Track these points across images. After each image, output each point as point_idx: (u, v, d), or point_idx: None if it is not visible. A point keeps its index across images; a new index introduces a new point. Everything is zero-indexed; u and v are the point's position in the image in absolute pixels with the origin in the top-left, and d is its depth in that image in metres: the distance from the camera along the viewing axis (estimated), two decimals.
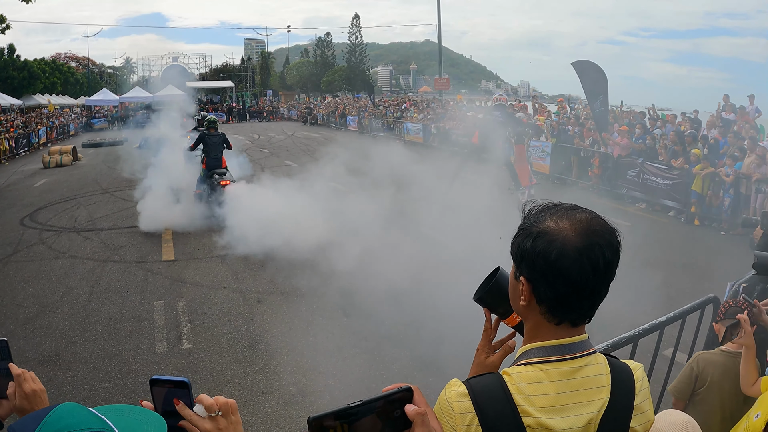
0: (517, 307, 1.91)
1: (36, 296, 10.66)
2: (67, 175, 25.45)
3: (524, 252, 1.78)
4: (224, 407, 1.66)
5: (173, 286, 10.82)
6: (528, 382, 1.76)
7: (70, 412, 1.41)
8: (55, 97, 66.41)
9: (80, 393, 7.07)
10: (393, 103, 48.36)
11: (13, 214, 17.81)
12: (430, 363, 7.49)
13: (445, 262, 10.18)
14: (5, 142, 35.06)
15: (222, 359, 7.92)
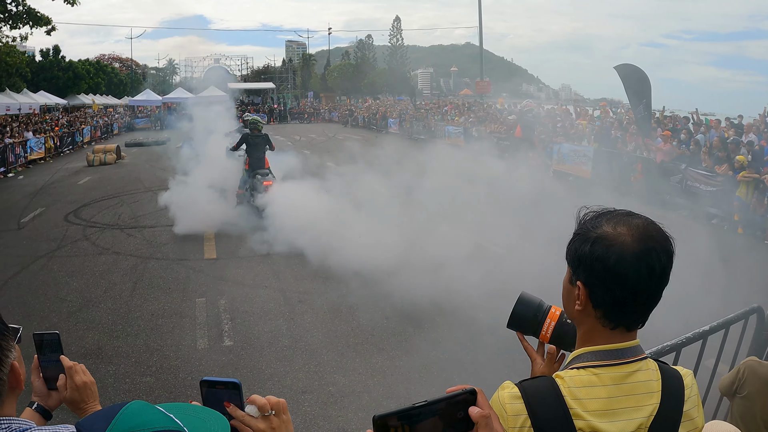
0: (570, 312, 1.92)
1: (79, 291, 10.81)
2: (110, 174, 25.80)
3: (582, 257, 1.80)
4: (276, 406, 1.66)
5: (215, 284, 10.89)
6: (580, 386, 1.77)
7: (140, 410, 1.41)
8: (99, 97, 67.41)
9: (121, 386, 7.14)
10: (434, 106, 48.29)
11: (58, 210, 18.10)
12: (468, 366, 7.45)
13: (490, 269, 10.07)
14: (50, 141, 35.62)
15: (262, 357, 7.95)
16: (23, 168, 30.26)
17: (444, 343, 8.07)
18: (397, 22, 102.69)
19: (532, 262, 9.76)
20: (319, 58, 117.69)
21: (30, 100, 47.96)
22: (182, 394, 7.07)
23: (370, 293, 9.71)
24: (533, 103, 32.73)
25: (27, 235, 15.19)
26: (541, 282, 9.06)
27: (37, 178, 25.99)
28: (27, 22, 38.92)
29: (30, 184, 24.46)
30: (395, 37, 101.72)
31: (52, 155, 35.16)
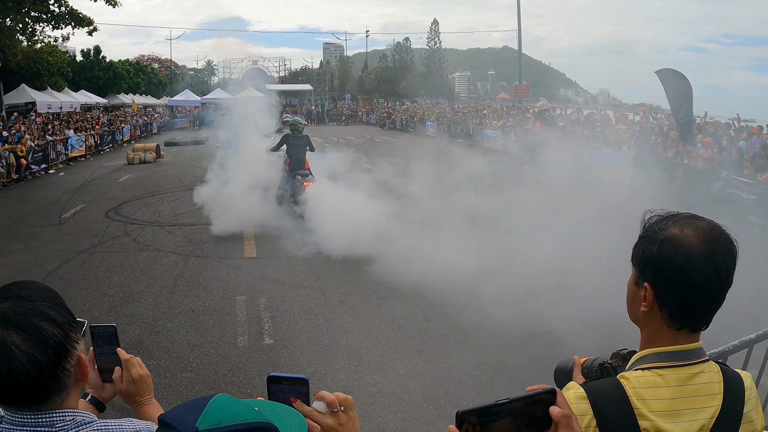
0: (635, 314, 1.95)
1: (120, 286, 10.93)
2: (150, 172, 26.05)
3: (649, 258, 1.84)
4: (345, 403, 1.66)
5: (255, 282, 10.91)
6: (645, 386, 1.80)
7: (227, 403, 1.40)
8: (139, 96, 68.11)
9: (162, 381, 7.17)
10: (472, 110, 48.15)
11: (99, 206, 18.33)
12: (509, 370, 7.39)
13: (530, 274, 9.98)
14: (91, 139, 36.08)
15: (302, 356, 7.95)
16: (64, 165, 30.72)
17: (484, 346, 8.01)
18: (435, 25, 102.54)
19: (572, 267, 9.67)
20: (356, 61, 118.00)
21: (71, 99, 48.59)
22: (222, 391, 6.95)
23: (410, 295, 9.68)
24: (548, 103, 32.71)
25: (68, 231, 15.39)
26: (581, 286, 8.98)
27: (78, 175, 26.34)
28: (69, 22, 39.51)
29: (71, 181, 24.80)
30: (433, 40, 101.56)
31: (93, 153, 35.68)
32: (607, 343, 7.34)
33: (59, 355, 1.66)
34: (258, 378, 7.34)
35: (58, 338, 1.67)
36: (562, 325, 8.01)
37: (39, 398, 1.67)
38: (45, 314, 1.67)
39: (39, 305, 1.69)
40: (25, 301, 1.68)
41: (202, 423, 1.33)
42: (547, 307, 8.51)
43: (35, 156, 27.43)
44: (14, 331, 1.61)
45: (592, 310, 8.32)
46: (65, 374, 1.70)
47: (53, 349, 1.65)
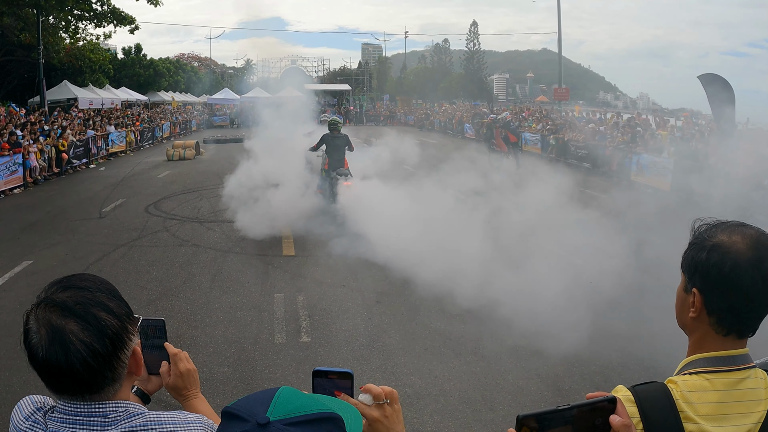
0: (684, 320, 1.98)
1: (159, 280, 11.05)
2: (189, 168, 26.30)
3: (698, 264, 1.88)
4: (390, 396, 1.68)
5: (293, 280, 10.96)
6: (693, 390, 1.82)
7: (294, 394, 1.40)
8: (178, 94, 68.72)
9: (198, 375, 7.17)
10: (511, 112, 47.93)
11: (138, 201, 18.55)
12: (545, 376, 7.32)
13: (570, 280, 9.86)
14: (131, 135, 36.53)
15: (339, 355, 7.96)
16: (105, 160, 31.17)
17: (521, 351, 7.94)
18: (474, 27, 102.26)
19: (609, 272, 9.55)
20: (395, 62, 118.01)
21: (112, 96, 49.21)
22: (259, 387, 7.10)
23: (447, 298, 9.62)
24: (510, 114, 32.61)
25: (108, 224, 15.59)
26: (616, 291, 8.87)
27: (118, 170, 26.68)
28: (111, 20, 40.18)
29: (111, 176, 25.14)
30: (472, 42, 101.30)
31: (133, 149, 36.19)
32: (653, 352, 7.25)
33: (116, 346, 1.68)
34: (294, 376, 7.36)
35: (116, 329, 1.69)
36: (599, 332, 7.94)
37: (93, 388, 1.68)
38: (104, 305, 1.69)
39: (98, 296, 1.71)
40: (85, 292, 1.70)
41: (273, 414, 1.33)
42: (589, 315, 8.41)
43: (76, 151, 27.85)
44: (73, 319, 1.63)
45: (634, 321, 8.26)
46: (120, 365, 1.71)
47: (110, 339, 1.67)
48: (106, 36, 43.88)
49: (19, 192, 21.98)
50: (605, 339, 7.80)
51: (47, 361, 1.63)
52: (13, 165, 22.14)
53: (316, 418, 1.35)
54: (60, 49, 40.56)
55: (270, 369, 7.59)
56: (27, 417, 1.78)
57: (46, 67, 37.96)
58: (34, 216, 17.21)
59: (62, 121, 30.43)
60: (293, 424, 1.32)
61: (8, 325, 8.79)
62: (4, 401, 6.67)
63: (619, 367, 7.38)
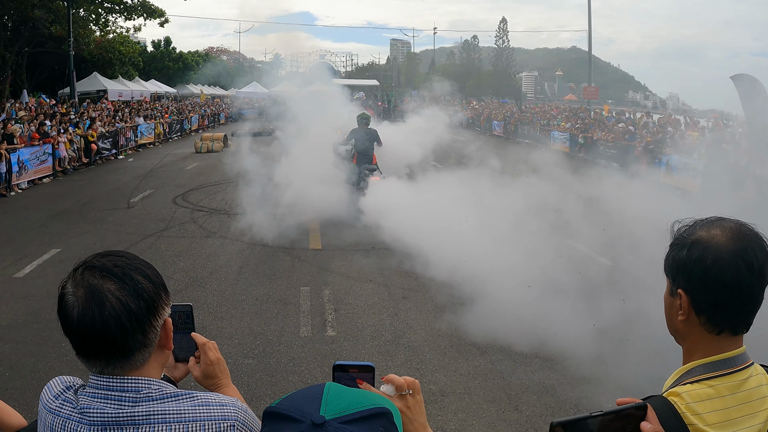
0: (674, 326, 1.93)
1: (186, 270, 11.15)
2: (217, 161, 26.38)
3: (680, 263, 1.85)
4: (412, 386, 1.67)
5: (320, 274, 10.97)
6: (698, 400, 1.75)
7: (342, 390, 1.39)
8: (207, 87, 69.13)
9: None
10: (540, 110, 47.70)
11: (166, 192, 18.69)
12: (572, 378, 7.22)
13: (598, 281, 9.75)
14: (160, 127, 36.79)
15: (364, 350, 7.95)
16: (133, 151, 31.44)
17: (549, 351, 7.83)
18: (503, 24, 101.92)
19: (637, 275, 9.43)
20: (423, 58, 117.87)
21: (141, 88, 49.66)
22: (283, 379, 7.14)
23: (474, 295, 9.52)
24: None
25: (136, 215, 15.73)
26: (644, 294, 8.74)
27: (147, 162, 26.88)
28: (141, 14, 40.49)
29: (140, 167, 25.34)
30: (501, 39, 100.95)
31: (161, 141, 36.48)
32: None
33: (149, 309, 1.72)
34: (319, 369, 7.35)
35: (151, 292, 1.74)
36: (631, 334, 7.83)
37: (123, 351, 1.70)
38: (142, 270, 1.75)
39: (136, 263, 1.76)
40: (123, 258, 1.76)
41: (327, 412, 1.31)
42: (618, 318, 8.30)
43: (105, 141, 28.03)
44: (111, 279, 1.69)
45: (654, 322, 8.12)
46: (152, 330, 1.74)
47: (145, 301, 1.71)
48: (135, 29, 44.33)
49: (48, 181, 22.25)
50: (636, 343, 7.69)
51: (82, 320, 1.65)
52: (43, 155, 22.41)
53: (369, 414, 1.33)
54: (90, 41, 40.89)
55: (295, 362, 7.59)
56: (56, 396, 1.79)
57: (76, 59, 38.33)
58: (62, 205, 17.39)
59: (92, 112, 30.70)
60: (349, 422, 1.30)
61: (35, 312, 8.91)
62: (29, 386, 6.75)
63: (648, 371, 7.27)
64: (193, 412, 1.72)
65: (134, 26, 43.63)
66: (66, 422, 1.73)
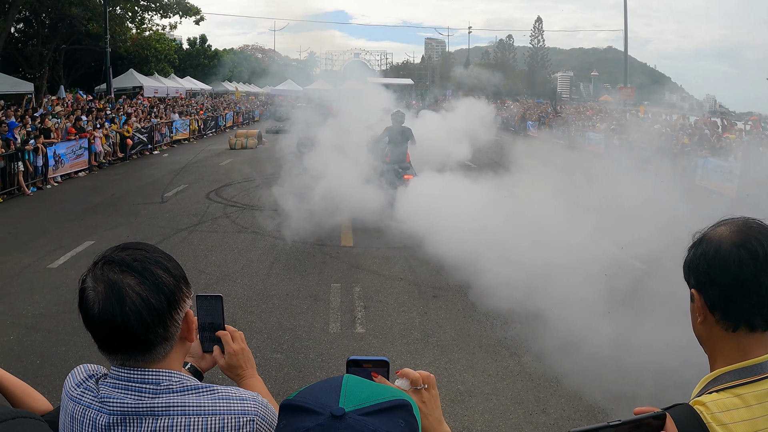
0: (697, 331, 1.90)
1: (217, 264, 11.25)
2: (251, 157, 26.60)
3: (690, 263, 1.86)
4: (427, 380, 1.65)
5: (350, 271, 10.98)
6: (724, 410, 1.69)
7: (361, 382, 1.38)
8: (242, 85, 69.54)
9: None
10: (575, 111, 47.34)
11: (200, 188, 18.85)
12: (606, 382, 7.12)
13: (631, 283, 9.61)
14: (195, 123, 37.09)
15: (393, 348, 7.93)
16: (168, 147, 31.76)
17: (579, 355, 7.73)
18: (539, 23, 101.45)
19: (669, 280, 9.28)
20: (458, 57, 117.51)
21: (177, 85, 50.05)
22: (311, 375, 7.17)
23: (505, 296, 9.42)
24: None
25: (170, 209, 15.88)
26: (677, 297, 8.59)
27: (181, 157, 27.13)
28: (177, 12, 40.90)
29: (174, 162, 25.58)
30: (536, 38, 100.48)
31: (196, 137, 36.77)
32: None
33: (170, 303, 1.72)
34: None
35: (171, 286, 1.73)
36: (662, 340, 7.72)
37: (145, 345, 1.70)
38: (161, 263, 1.75)
39: (155, 256, 1.76)
40: (143, 252, 1.76)
41: (346, 404, 1.29)
42: (650, 321, 8.20)
43: (141, 137, 28.32)
44: (131, 274, 1.68)
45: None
46: (173, 324, 1.74)
47: (166, 295, 1.70)
48: (171, 27, 44.73)
49: (84, 175, 22.57)
50: (668, 347, 7.57)
51: (102, 316, 1.66)
52: (79, 149, 22.74)
53: (390, 406, 1.31)
54: (126, 38, 41.36)
55: (323, 358, 7.60)
56: (79, 384, 1.81)
57: (112, 55, 38.74)
58: (97, 198, 17.63)
59: (127, 108, 31.06)
60: (369, 413, 1.28)
61: (68, 302, 9.06)
62: (58, 374, 6.92)
63: (676, 374, 7.14)
64: (213, 405, 1.72)
65: (170, 24, 44.11)
66: (86, 410, 1.74)
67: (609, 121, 36.09)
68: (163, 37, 50.23)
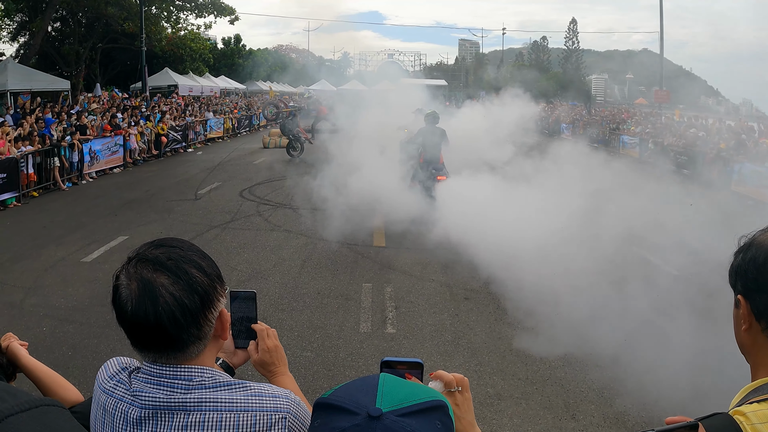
0: (740, 339, 1.80)
1: (249, 262, 11.32)
2: (284, 156, 26.67)
3: (737, 268, 1.76)
4: (461, 383, 1.64)
5: (382, 271, 10.98)
6: (765, 421, 1.59)
7: (398, 382, 1.36)
8: (276, 84, 69.84)
9: None
10: (609, 114, 46.95)
11: (234, 186, 18.98)
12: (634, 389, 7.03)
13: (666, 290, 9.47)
14: (229, 122, 37.34)
15: (423, 349, 7.90)
16: (202, 145, 31.99)
17: (610, 362, 7.63)
18: (573, 25, 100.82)
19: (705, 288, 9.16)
20: (491, 58, 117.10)
21: (211, 84, 50.40)
22: (340, 374, 7.18)
23: (537, 300, 9.32)
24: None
25: (203, 206, 16.02)
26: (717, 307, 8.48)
27: (215, 155, 27.33)
28: (212, 11, 41.20)
29: (208, 160, 25.77)
30: (570, 40, 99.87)
31: (230, 135, 36.96)
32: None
33: (204, 303, 1.70)
34: (377, 366, 7.26)
35: (205, 286, 1.71)
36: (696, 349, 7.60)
37: (178, 344, 1.70)
38: (195, 262, 1.73)
39: (190, 254, 1.74)
40: (177, 250, 1.74)
41: (383, 404, 1.27)
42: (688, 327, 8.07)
43: (175, 135, 28.57)
44: (164, 273, 1.67)
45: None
46: (207, 324, 1.73)
47: (199, 295, 1.69)
48: (206, 26, 45.05)
49: (119, 171, 22.86)
50: (705, 357, 7.44)
51: (136, 315, 1.65)
52: (114, 146, 23.04)
53: (427, 407, 1.30)
54: (162, 38, 41.72)
55: (353, 357, 7.61)
56: (112, 376, 1.82)
57: (148, 54, 39.12)
58: (132, 194, 17.83)
59: (162, 106, 31.36)
60: (406, 414, 1.26)
61: (101, 296, 9.20)
62: (90, 366, 7.02)
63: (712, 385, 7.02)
64: (245, 401, 1.72)
65: (205, 24, 44.42)
66: (118, 403, 1.75)
67: (644, 125, 35.73)
68: (198, 37, 50.56)
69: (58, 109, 23.49)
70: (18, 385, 2.67)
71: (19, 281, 10.34)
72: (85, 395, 2.56)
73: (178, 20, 42.99)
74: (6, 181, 16.41)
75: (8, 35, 38.39)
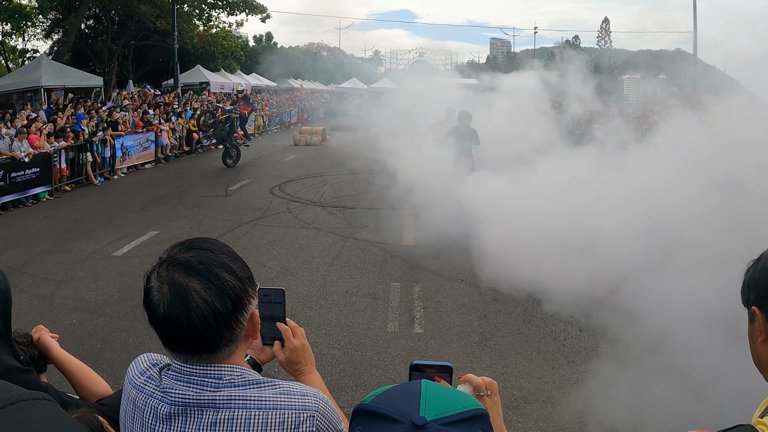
0: (757, 355, 1.78)
1: (278, 259, 11.39)
2: (315, 154, 26.82)
3: (750, 280, 1.76)
4: (490, 387, 1.67)
5: (411, 270, 10.97)
6: None
7: (440, 389, 1.34)
8: (307, 82, 70.03)
9: None
10: (641, 114, 46.55)
11: (264, 183, 19.07)
12: (660, 397, 6.93)
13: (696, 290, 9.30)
14: (260, 119, 37.51)
15: (450, 350, 7.88)
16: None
17: (639, 368, 7.49)
18: (606, 24, 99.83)
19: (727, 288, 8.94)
20: (523, 57, 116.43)
21: (243, 81, 50.51)
22: (366, 372, 7.18)
23: (566, 302, 9.24)
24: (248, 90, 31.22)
25: (233, 203, 16.12)
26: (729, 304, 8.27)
27: (246, 152, 27.38)
28: (243, 9, 41.41)
29: None
30: (603, 40, 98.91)
31: (261, 132, 37.14)
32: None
33: (236, 306, 1.71)
34: (404, 365, 7.31)
35: (237, 290, 1.72)
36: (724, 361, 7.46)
37: (210, 347, 1.71)
38: (227, 266, 1.73)
39: (221, 257, 1.74)
40: (208, 253, 1.74)
41: (427, 412, 1.26)
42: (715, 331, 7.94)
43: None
44: (196, 278, 1.67)
45: None
46: (238, 326, 1.74)
47: (231, 299, 1.70)
48: (238, 24, 45.40)
49: (150, 167, 23.09)
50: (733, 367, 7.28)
51: (168, 319, 1.66)
52: (146, 142, 23.29)
53: (470, 415, 1.29)
54: (194, 35, 42.02)
55: (380, 356, 7.61)
56: (142, 372, 1.84)
57: (180, 52, 39.39)
58: (163, 190, 17.99)
59: (194, 103, 31.55)
60: (450, 423, 1.25)
61: (130, 290, 9.32)
62: (118, 359, 7.10)
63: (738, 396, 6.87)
64: (274, 399, 1.73)
65: (236, 21, 44.77)
66: (148, 399, 1.77)
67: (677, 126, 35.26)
68: (230, 35, 50.81)
69: (90, 104, 23.76)
70: (48, 377, 2.71)
71: (51, 274, 10.50)
72: (114, 388, 2.58)
73: (210, 18, 43.32)
74: (39, 176, 16.65)
75: (42, 32, 38.88)
